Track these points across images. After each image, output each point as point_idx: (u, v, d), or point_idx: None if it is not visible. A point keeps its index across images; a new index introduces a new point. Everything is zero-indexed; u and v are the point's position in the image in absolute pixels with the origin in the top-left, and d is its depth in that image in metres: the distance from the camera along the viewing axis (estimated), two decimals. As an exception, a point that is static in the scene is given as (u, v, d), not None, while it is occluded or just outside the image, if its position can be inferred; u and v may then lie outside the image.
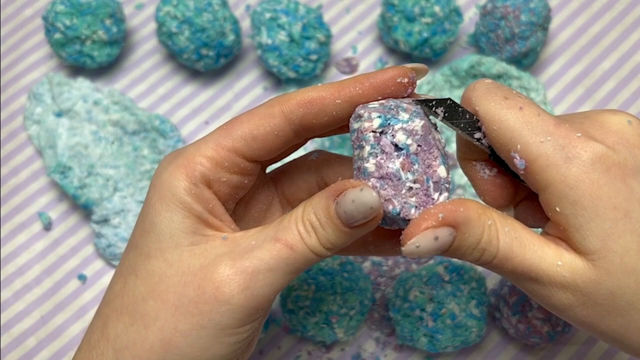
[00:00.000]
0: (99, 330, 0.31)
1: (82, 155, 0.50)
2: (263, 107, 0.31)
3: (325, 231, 0.29)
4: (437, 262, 0.44)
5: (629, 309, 0.29)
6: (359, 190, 0.28)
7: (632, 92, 0.54)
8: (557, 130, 0.29)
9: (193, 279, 0.30)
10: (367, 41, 0.56)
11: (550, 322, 0.43)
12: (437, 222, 0.28)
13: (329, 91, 0.31)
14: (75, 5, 0.51)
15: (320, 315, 0.43)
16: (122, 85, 0.55)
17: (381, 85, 0.31)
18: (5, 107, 0.54)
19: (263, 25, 0.51)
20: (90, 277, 0.49)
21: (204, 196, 0.31)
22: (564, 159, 0.28)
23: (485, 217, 0.29)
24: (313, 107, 0.31)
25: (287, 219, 0.30)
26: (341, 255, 0.44)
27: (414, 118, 0.30)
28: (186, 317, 0.29)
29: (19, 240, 0.50)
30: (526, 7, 0.50)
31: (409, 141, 0.29)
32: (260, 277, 0.29)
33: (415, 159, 0.29)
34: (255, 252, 0.30)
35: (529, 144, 0.29)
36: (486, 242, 0.29)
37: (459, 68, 0.51)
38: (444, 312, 0.42)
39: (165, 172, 0.31)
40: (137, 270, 0.31)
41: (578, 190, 0.28)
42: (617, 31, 0.56)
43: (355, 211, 0.28)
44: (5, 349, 0.47)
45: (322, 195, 0.30)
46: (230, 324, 0.30)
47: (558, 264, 0.29)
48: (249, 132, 0.31)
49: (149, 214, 0.31)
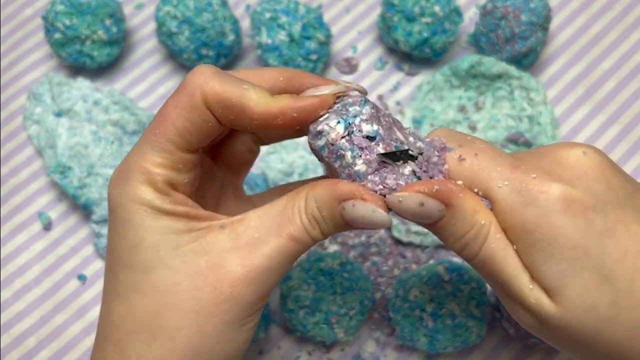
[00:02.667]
0: (114, 356, 0.30)
1: (82, 155, 0.50)
2: (186, 98, 0.30)
3: (327, 225, 0.30)
4: (437, 262, 0.44)
5: (590, 342, 0.29)
6: (371, 211, 0.29)
7: (632, 92, 0.54)
8: (513, 175, 0.29)
9: (205, 281, 0.30)
10: (367, 41, 0.56)
11: (550, 322, 0.43)
12: (429, 191, 0.28)
13: (251, 109, 0.29)
14: (75, 5, 0.51)
15: (320, 315, 0.43)
16: (122, 85, 0.55)
17: (304, 118, 0.30)
18: (5, 107, 0.54)
19: (263, 25, 0.51)
20: (90, 277, 0.49)
21: (180, 200, 0.31)
22: (520, 203, 0.28)
23: (480, 216, 0.29)
24: (230, 112, 0.30)
25: (288, 208, 0.30)
26: (341, 255, 0.44)
27: (362, 105, 0.30)
28: (209, 318, 0.30)
29: (19, 240, 0.50)
30: (526, 7, 0.50)
31: (375, 126, 0.29)
32: (269, 272, 0.30)
33: (387, 137, 0.30)
34: (263, 249, 0.30)
35: (487, 189, 0.29)
36: (471, 238, 0.29)
37: (459, 68, 0.51)
38: (444, 312, 0.42)
39: (127, 189, 0.30)
40: (138, 287, 0.30)
41: (535, 234, 0.28)
42: (617, 31, 0.56)
43: (362, 224, 0.29)
44: (5, 349, 0.47)
45: (327, 192, 0.30)
46: (247, 314, 0.31)
47: (529, 287, 0.29)
48: (183, 128, 0.30)
49: (133, 230, 0.30)
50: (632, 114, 0.53)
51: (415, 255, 0.49)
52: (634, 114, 0.53)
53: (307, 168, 0.50)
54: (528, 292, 0.29)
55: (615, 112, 0.53)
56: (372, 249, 0.49)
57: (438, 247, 0.49)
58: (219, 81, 0.30)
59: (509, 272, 0.29)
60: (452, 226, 0.29)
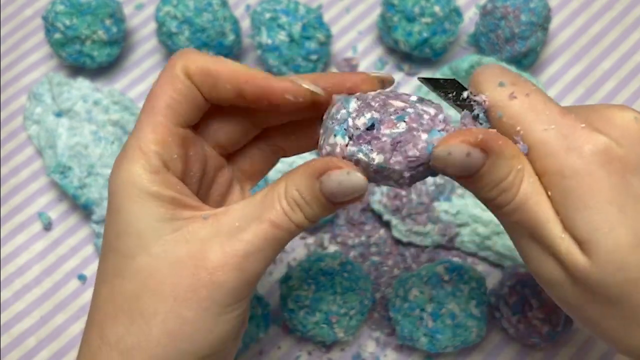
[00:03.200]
0: (96, 338, 0.31)
1: (82, 155, 0.50)
2: (167, 71, 0.31)
3: (311, 207, 0.30)
4: (437, 262, 0.44)
5: (615, 301, 0.29)
6: (346, 174, 0.29)
7: (632, 92, 0.54)
8: (562, 120, 0.29)
9: (185, 267, 0.30)
10: (367, 41, 0.56)
11: (550, 322, 0.43)
12: (474, 141, 0.28)
13: (225, 72, 0.31)
14: (75, 5, 0.51)
15: (320, 315, 0.43)
16: (122, 85, 0.55)
17: (270, 92, 0.31)
18: (5, 107, 0.54)
19: (263, 25, 0.51)
20: (90, 277, 0.49)
21: (170, 181, 0.31)
22: (564, 149, 0.28)
23: (517, 160, 0.29)
24: (208, 78, 0.31)
25: (269, 196, 0.30)
26: (341, 255, 0.44)
27: (346, 104, 0.30)
28: (187, 304, 0.30)
29: (19, 240, 0.50)
30: (526, 7, 0.50)
31: (367, 115, 0.29)
32: (251, 259, 0.30)
33: (384, 115, 0.29)
34: (243, 235, 0.30)
35: (532, 131, 0.29)
36: (509, 183, 0.29)
37: (459, 68, 0.51)
38: (444, 312, 0.42)
39: (120, 172, 0.31)
40: (122, 272, 0.30)
41: (573, 181, 0.28)
42: (617, 31, 0.56)
43: (342, 193, 0.29)
44: (5, 349, 0.47)
45: (304, 172, 0.30)
46: (227, 302, 0.30)
47: (562, 236, 0.29)
48: (170, 99, 0.31)
49: (119, 216, 0.30)
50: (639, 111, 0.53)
51: (415, 255, 0.49)
52: None
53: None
54: (560, 240, 0.29)
55: (615, 112, 0.53)
56: (372, 249, 0.49)
57: (438, 247, 0.49)
58: (199, 54, 0.31)
59: (541, 217, 0.29)
60: (491, 174, 0.28)
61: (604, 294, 0.29)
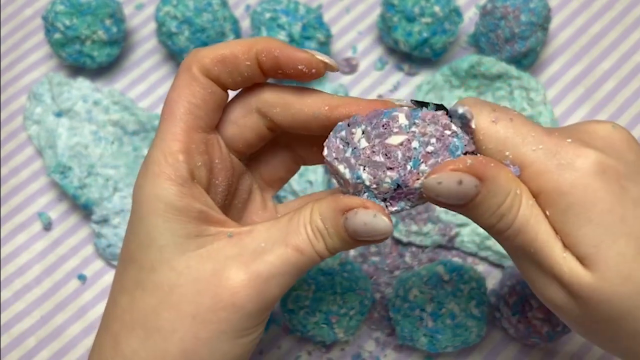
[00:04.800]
0: (110, 348, 0.31)
1: (82, 155, 0.50)
2: (183, 74, 0.31)
3: (332, 240, 0.30)
4: (437, 262, 0.44)
5: (625, 315, 0.28)
6: (372, 216, 0.29)
7: (632, 92, 0.54)
8: (548, 139, 0.29)
9: (207, 286, 0.29)
10: (367, 41, 0.56)
11: (550, 322, 0.43)
12: (464, 167, 0.27)
13: (240, 50, 0.31)
14: (75, 5, 0.51)
15: (320, 315, 0.43)
16: (122, 85, 0.55)
17: (284, 63, 0.31)
18: (5, 107, 0.54)
19: (263, 25, 0.51)
20: (90, 277, 0.49)
21: (195, 193, 0.31)
22: (556, 166, 0.28)
23: (514, 184, 0.28)
24: (226, 65, 0.31)
25: (295, 221, 0.30)
26: (341, 255, 0.44)
27: (341, 130, 0.31)
28: (205, 325, 0.29)
29: (19, 240, 0.50)
30: (526, 7, 0.50)
31: (362, 140, 0.30)
32: (272, 282, 0.30)
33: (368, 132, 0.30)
34: (267, 257, 0.30)
35: (521, 153, 0.29)
36: (507, 208, 0.28)
37: (459, 68, 0.51)
38: (444, 312, 0.42)
39: (146, 185, 0.30)
40: (143, 284, 0.30)
41: (571, 197, 0.28)
42: (617, 31, 0.56)
43: (366, 233, 0.29)
44: (5, 349, 0.47)
45: (330, 205, 0.30)
46: (245, 326, 0.30)
47: (563, 256, 0.28)
48: (189, 104, 0.31)
49: (144, 229, 0.30)
50: (632, 114, 0.53)
51: (415, 255, 0.49)
52: (634, 114, 0.53)
53: (306, 168, 0.50)
54: (562, 260, 0.28)
55: (615, 112, 0.53)
56: (372, 249, 0.49)
57: (438, 247, 0.49)
58: (209, 49, 0.31)
59: (542, 239, 0.29)
60: (488, 199, 0.28)
61: (613, 310, 0.28)
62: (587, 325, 0.30)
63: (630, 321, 0.28)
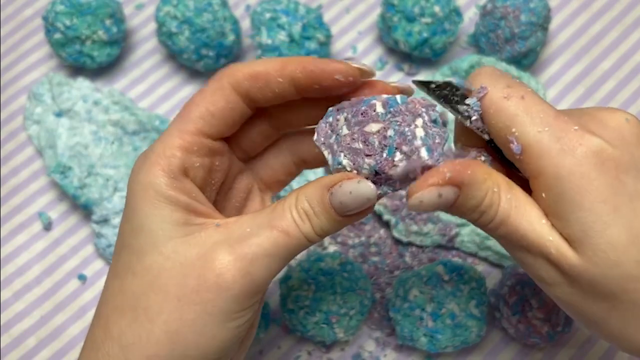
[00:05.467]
0: (101, 331, 0.31)
1: (82, 155, 0.50)
2: (212, 82, 0.32)
3: (319, 219, 0.30)
4: (437, 262, 0.44)
5: (611, 298, 0.29)
6: (356, 183, 0.29)
7: (632, 92, 0.54)
8: (555, 122, 0.29)
9: (192, 268, 0.30)
10: (367, 41, 0.56)
11: (550, 322, 0.43)
12: (443, 181, 0.28)
13: (273, 68, 0.31)
14: (75, 5, 0.51)
15: (320, 315, 0.43)
16: (122, 85, 0.55)
17: (321, 76, 0.31)
18: (5, 107, 0.54)
19: (263, 25, 0.51)
20: (90, 277, 0.49)
21: (186, 187, 0.31)
22: (558, 150, 0.29)
23: (490, 182, 0.30)
24: (258, 81, 0.31)
25: (280, 206, 0.31)
26: (341, 255, 0.44)
27: (329, 117, 0.32)
28: (190, 306, 0.30)
29: (19, 240, 0.50)
30: (526, 7, 0.50)
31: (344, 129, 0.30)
32: (259, 263, 0.30)
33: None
34: (253, 239, 0.30)
35: (526, 132, 0.29)
36: (487, 206, 0.30)
37: (459, 68, 0.51)
38: (444, 312, 0.42)
39: (140, 173, 0.31)
40: (133, 268, 0.31)
41: (567, 182, 0.28)
42: (617, 31, 0.56)
43: (352, 202, 0.29)
44: (5, 349, 0.47)
45: (316, 185, 0.30)
46: (233, 309, 0.30)
47: (549, 239, 0.29)
48: (206, 110, 0.32)
49: (135, 215, 0.31)
50: (632, 113, 0.53)
51: (415, 255, 0.49)
52: (634, 114, 0.53)
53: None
54: (548, 243, 0.29)
55: (615, 112, 0.53)
56: (372, 249, 0.49)
57: (438, 247, 0.49)
58: (244, 64, 0.32)
59: (525, 226, 0.30)
60: (468, 201, 0.29)
61: (599, 291, 0.29)
62: (577, 304, 0.30)
63: (616, 305, 0.29)
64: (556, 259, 0.29)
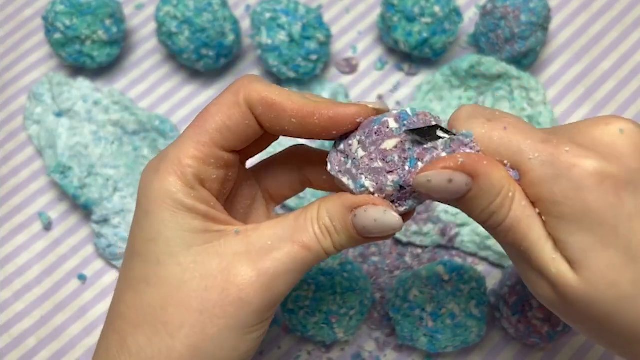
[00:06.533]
0: (116, 345, 0.31)
1: (82, 155, 0.50)
2: (229, 95, 0.31)
3: (339, 236, 0.30)
4: (437, 262, 0.44)
5: (607, 319, 0.29)
6: (382, 212, 0.29)
7: (632, 92, 0.54)
8: (544, 147, 0.29)
9: (214, 282, 0.30)
10: (367, 41, 0.56)
11: (550, 322, 0.43)
12: (455, 165, 0.28)
13: (290, 106, 0.30)
14: (75, 5, 0.51)
15: (320, 315, 0.43)
16: (122, 85, 0.55)
17: (340, 121, 0.30)
18: (5, 107, 0.54)
19: (263, 25, 0.51)
20: (90, 277, 0.49)
21: (204, 196, 0.31)
22: (552, 176, 0.28)
23: (507, 183, 0.29)
24: (271, 111, 0.31)
25: (302, 219, 0.31)
26: (341, 255, 0.44)
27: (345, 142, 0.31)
28: (212, 320, 0.30)
29: (19, 240, 0.50)
30: (526, 7, 0.50)
31: (360, 150, 0.30)
32: (280, 279, 0.30)
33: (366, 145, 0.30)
34: (274, 254, 0.30)
35: (518, 162, 0.29)
36: (498, 206, 0.29)
37: (459, 68, 0.51)
38: (444, 312, 0.42)
39: (155, 179, 0.31)
40: (147, 279, 0.30)
41: (564, 207, 0.28)
42: (617, 31, 0.56)
43: (375, 229, 0.29)
44: (5, 349, 0.47)
45: (338, 202, 0.30)
46: (253, 322, 0.30)
47: (552, 257, 0.29)
48: (222, 124, 0.31)
49: (150, 223, 0.30)
50: (632, 114, 0.53)
51: (415, 255, 0.49)
52: (633, 114, 0.53)
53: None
54: (550, 261, 0.29)
55: (615, 112, 0.53)
56: (372, 249, 0.49)
57: (438, 247, 0.49)
58: (263, 83, 0.31)
59: (532, 239, 0.29)
60: (480, 197, 0.29)
61: (596, 312, 0.29)
62: (573, 321, 0.31)
63: (613, 323, 0.29)
64: (556, 280, 0.29)
